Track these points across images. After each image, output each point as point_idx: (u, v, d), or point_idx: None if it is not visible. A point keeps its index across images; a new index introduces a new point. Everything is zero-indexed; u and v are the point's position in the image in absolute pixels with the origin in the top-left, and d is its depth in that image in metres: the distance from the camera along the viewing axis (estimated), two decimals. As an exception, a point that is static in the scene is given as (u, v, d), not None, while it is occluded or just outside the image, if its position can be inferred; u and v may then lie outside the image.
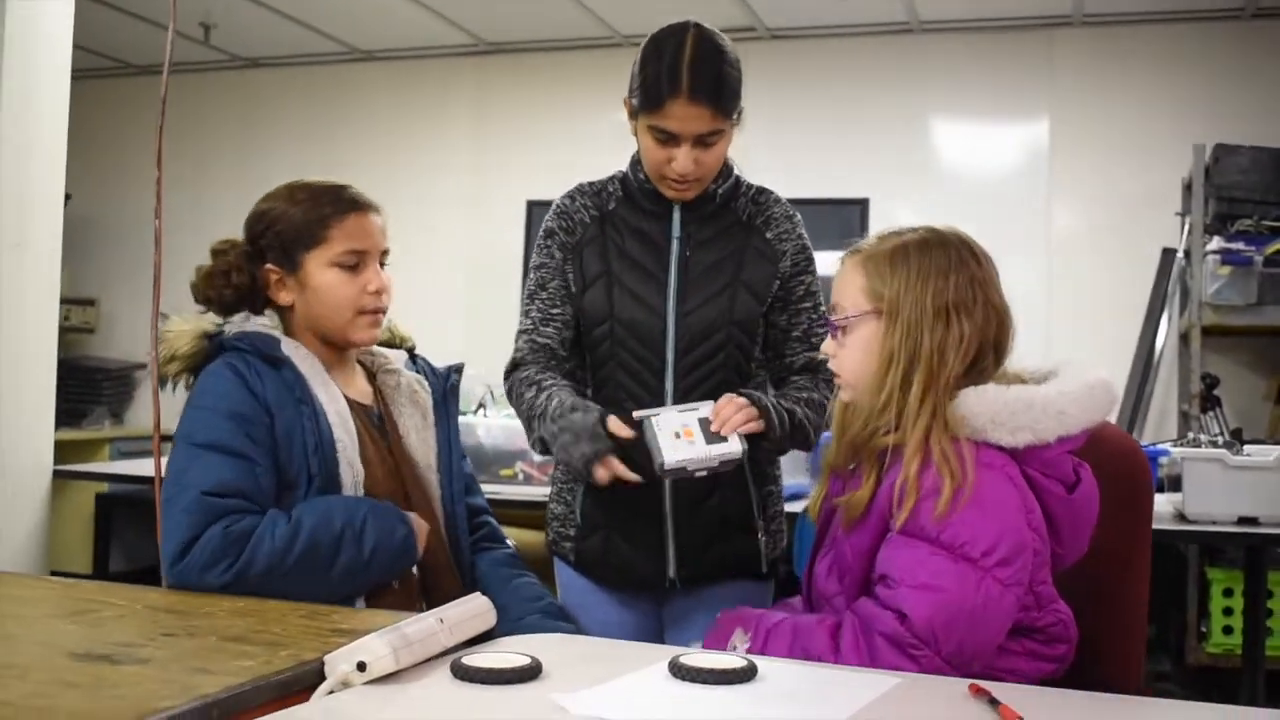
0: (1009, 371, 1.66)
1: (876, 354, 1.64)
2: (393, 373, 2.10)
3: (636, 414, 1.93)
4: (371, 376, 2.09)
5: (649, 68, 2.01)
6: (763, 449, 2.05)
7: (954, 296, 1.62)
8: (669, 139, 2.02)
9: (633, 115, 2.08)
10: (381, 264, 2.01)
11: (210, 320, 1.97)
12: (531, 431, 2.09)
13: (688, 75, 1.97)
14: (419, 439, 2.06)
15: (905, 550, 1.54)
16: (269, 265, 1.97)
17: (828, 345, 1.75)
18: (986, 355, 1.63)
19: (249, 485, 1.79)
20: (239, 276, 1.96)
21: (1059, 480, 1.61)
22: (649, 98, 2.01)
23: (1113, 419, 3.60)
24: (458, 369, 2.18)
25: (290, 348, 1.93)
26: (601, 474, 1.93)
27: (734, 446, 1.93)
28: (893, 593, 1.53)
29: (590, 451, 1.92)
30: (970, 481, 1.52)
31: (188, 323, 1.94)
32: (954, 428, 1.56)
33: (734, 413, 1.94)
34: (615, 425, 1.93)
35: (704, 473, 1.94)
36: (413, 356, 2.17)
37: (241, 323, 1.97)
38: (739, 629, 1.66)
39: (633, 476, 1.93)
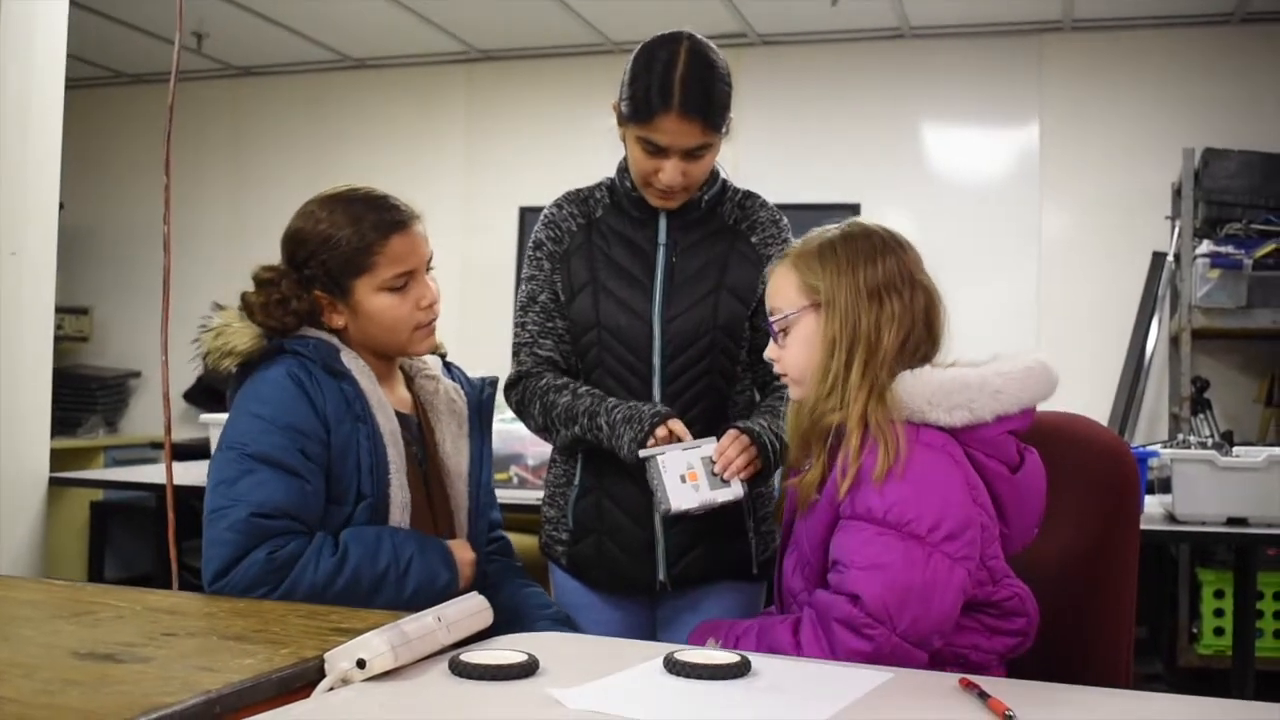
0: (952, 360, 1.70)
1: (820, 345, 1.69)
2: (432, 378, 2.08)
3: (643, 452, 1.96)
4: (408, 380, 2.08)
5: (640, 79, 2.02)
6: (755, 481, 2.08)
7: (883, 278, 1.68)
8: (657, 151, 2.03)
9: (622, 122, 2.09)
10: (427, 268, 1.97)
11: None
12: (566, 428, 2.10)
13: (679, 91, 1.98)
14: (453, 447, 2.05)
15: (853, 534, 1.58)
16: (318, 292, 1.92)
17: (771, 350, 1.79)
18: (919, 330, 1.68)
19: (298, 505, 1.76)
20: (299, 304, 1.90)
21: (1002, 461, 1.65)
22: (639, 110, 2.02)
23: (1102, 419, 3.62)
24: (491, 382, 2.15)
25: (349, 359, 1.90)
26: (662, 430, 1.98)
27: (736, 491, 1.96)
28: (843, 577, 1.57)
29: (662, 411, 2.01)
30: (904, 451, 1.56)
31: (241, 318, 1.89)
32: (893, 410, 1.61)
33: (737, 455, 1.97)
34: (677, 425, 2.00)
35: (703, 513, 1.97)
36: (446, 365, 2.15)
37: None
38: (711, 638, 1.70)
39: (688, 435, 1.99)
